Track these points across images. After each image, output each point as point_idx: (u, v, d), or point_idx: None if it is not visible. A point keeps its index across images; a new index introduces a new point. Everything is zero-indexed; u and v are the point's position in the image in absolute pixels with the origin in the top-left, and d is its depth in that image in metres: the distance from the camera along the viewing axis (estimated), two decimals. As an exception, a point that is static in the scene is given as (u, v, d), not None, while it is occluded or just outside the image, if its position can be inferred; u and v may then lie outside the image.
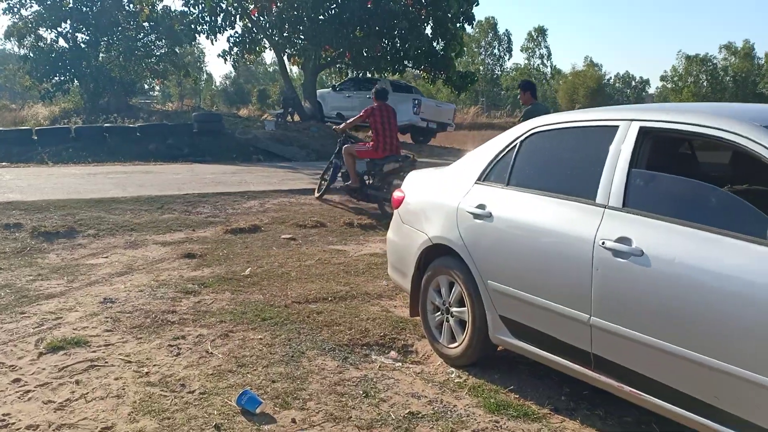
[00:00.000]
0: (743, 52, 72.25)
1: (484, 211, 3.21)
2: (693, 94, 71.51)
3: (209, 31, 19.54)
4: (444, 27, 18.39)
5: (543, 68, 74.98)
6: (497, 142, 3.44)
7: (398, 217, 4.02)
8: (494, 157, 3.36)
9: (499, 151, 3.35)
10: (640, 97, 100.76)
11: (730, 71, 72.52)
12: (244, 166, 12.56)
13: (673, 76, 76.10)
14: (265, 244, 6.34)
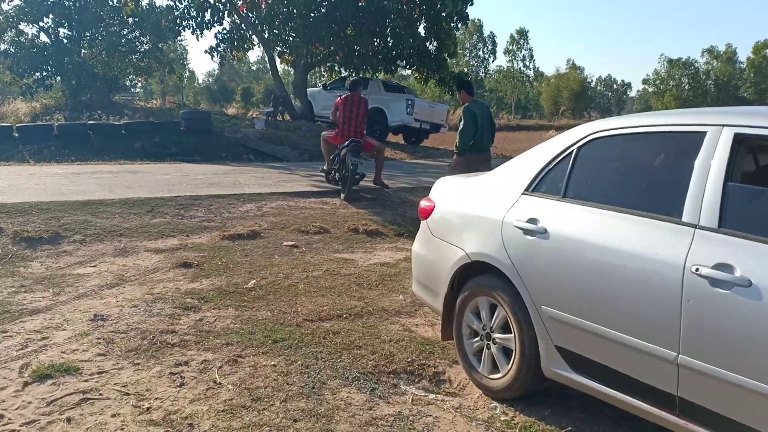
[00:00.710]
0: (725, 56, 72.90)
1: (537, 226, 2.83)
2: (675, 98, 72.02)
3: (196, 26, 19.01)
4: (438, 26, 18.03)
5: (525, 70, 75.05)
6: (546, 149, 3.06)
7: (427, 228, 3.63)
8: (545, 166, 2.98)
9: (551, 159, 2.97)
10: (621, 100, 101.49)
11: (712, 75, 73.11)
12: (236, 166, 12.09)
13: (656, 80, 76.62)
14: (266, 252, 5.92)
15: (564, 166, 2.90)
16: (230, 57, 20.70)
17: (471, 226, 3.24)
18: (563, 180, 2.86)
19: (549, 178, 2.95)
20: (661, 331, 2.28)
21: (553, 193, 2.89)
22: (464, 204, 3.39)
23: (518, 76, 74.42)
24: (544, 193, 2.94)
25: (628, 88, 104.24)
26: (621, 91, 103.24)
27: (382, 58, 18.63)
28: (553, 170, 2.95)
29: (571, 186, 2.82)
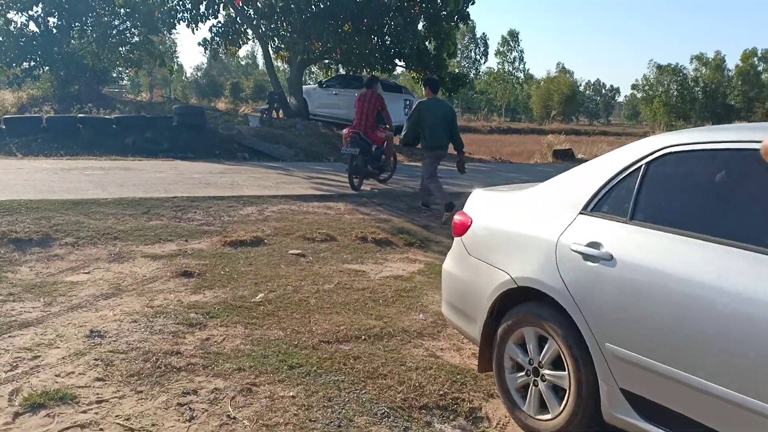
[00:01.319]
0: (714, 64, 73.25)
1: (600, 251, 2.52)
2: (664, 104, 72.31)
3: (191, 19, 18.58)
4: (438, 25, 17.72)
5: (516, 72, 75.06)
6: (607, 163, 2.75)
7: (462, 246, 3.31)
8: (606, 183, 2.67)
9: (613, 175, 2.66)
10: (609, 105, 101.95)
11: (700, 82, 73.48)
12: (231, 164, 11.71)
13: (644, 85, 76.89)
14: (271, 260, 5.57)
15: (630, 183, 2.59)
16: (224, 51, 20.26)
17: (517, 246, 2.93)
18: (630, 200, 2.55)
19: (612, 197, 2.64)
20: (764, 382, 1.97)
21: (618, 214, 2.58)
22: (508, 221, 3.07)
23: (509, 79, 74.42)
24: (606, 213, 2.63)
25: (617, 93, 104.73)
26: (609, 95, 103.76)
27: (380, 56, 18.29)
28: (617, 188, 2.64)
29: (641, 207, 2.51)
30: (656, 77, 74.79)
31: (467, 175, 11.81)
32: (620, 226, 2.54)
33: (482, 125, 44.78)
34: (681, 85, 72.65)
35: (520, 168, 14.78)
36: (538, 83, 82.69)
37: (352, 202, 8.09)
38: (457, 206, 9.24)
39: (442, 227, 7.38)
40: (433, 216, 7.89)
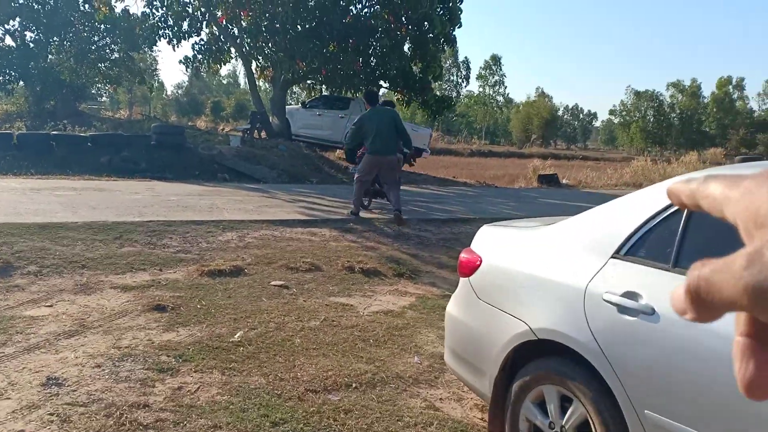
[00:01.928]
0: (690, 91, 74.50)
1: (640, 303, 2.17)
2: (641, 130, 73.19)
3: (172, 36, 18.21)
4: (424, 48, 17.56)
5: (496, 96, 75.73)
6: (645, 200, 2.43)
7: (470, 288, 2.95)
8: (644, 223, 2.34)
9: (653, 215, 2.33)
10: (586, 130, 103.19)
11: (677, 108, 74.58)
12: (210, 186, 11.28)
13: (622, 111, 77.85)
14: (252, 292, 5.16)
15: (673, 225, 2.26)
16: (206, 69, 19.90)
17: (536, 292, 2.58)
18: (673, 244, 2.22)
19: (651, 240, 2.31)
20: None
21: (659, 260, 2.24)
22: (525, 262, 2.72)
23: (489, 102, 75.00)
24: (644, 258, 2.30)
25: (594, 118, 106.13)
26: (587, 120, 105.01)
27: (364, 77, 18.06)
28: (657, 230, 2.30)
29: (687, 253, 2.18)
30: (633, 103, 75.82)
31: (455, 200, 11.52)
32: (662, 274, 2.20)
33: (463, 148, 44.78)
34: (658, 111, 73.67)
35: (505, 193, 14.54)
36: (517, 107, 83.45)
37: (338, 228, 7.72)
38: (364, 212, 9.00)
39: (431, 257, 7.03)
40: (422, 244, 7.54)
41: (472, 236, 8.03)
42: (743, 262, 0.32)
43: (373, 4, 17.94)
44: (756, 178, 0.36)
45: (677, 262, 2.19)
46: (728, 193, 0.37)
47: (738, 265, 0.32)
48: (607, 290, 2.30)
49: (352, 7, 17.61)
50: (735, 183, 0.37)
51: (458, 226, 8.56)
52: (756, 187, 0.35)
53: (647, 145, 72.45)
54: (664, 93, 75.53)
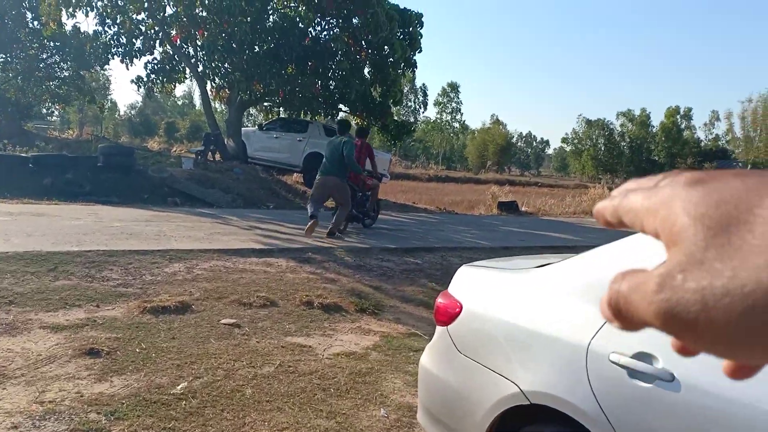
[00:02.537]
0: (640, 120, 76.70)
1: (656, 368, 1.84)
2: (592, 158, 74.85)
3: (124, 54, 17.58)
4: (385, 72, 17.37)
5: (453, 122, 76.82)
6: (651, 242, 2.10)
7: (448, 339, 2.58)
8: (654, 271, 2.01)
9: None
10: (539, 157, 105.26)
11: (626, 137, 76.60)
12: (160, 211, 10.69)
13: (574, 139, 79.57)
14: (199, 333, 4.68)
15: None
16: (159, 89, 19.26)
17: (529, 348, 2.22)
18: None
19: (664, 293, 1.98)
20: None
21: (674, 317, 1.92)
22: (514, 311, 2.37)
23: (446, 128, 75.88)
24: (656, 314, 1.97)
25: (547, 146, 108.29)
26: (540, 148, 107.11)
27: (323, 101, 17.74)
28: (671, 281, 1.98)
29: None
30: (585, 131, 77.60)
31: (417, 228, 11.21)
32: (680, 332, 1.87)
33: (421, 173, 44.88)
34: (608, 140, 75.49)
35: (466, 220, 14.32)
36: (473, 134, 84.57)
37: (296, 258, 7.27)
38: (319, 220, 9.12)
39: (395, 289, 6.65)
40: (384, 275, 7.16)
41: (436, 266, 7.73)
42: (654, 285, 0.31)
43: (333, 27, 17.71)
44: (672, 186, 0.33)
45: (698, 319, 1.86)
46: (647, 204, 0.34)
47: (650, 288, 0.31)
48: (614, 349, 1.96)
49: (311, 29, 17.35)
50: (653, 193, 0.34)
51: (422, 255, 8.22)
52: (671, 198, 0.33)
53: (598, 172, 74.08)
54: (615, 122, 77.56)
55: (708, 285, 0.28)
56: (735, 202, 0.30)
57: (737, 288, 0.27)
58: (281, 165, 17.87)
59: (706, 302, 0.28)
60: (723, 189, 0.31)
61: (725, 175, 0.32)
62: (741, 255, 0.28)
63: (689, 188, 0.32)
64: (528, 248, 9.48)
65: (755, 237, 0.28)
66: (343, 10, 16.53)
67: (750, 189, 0.30)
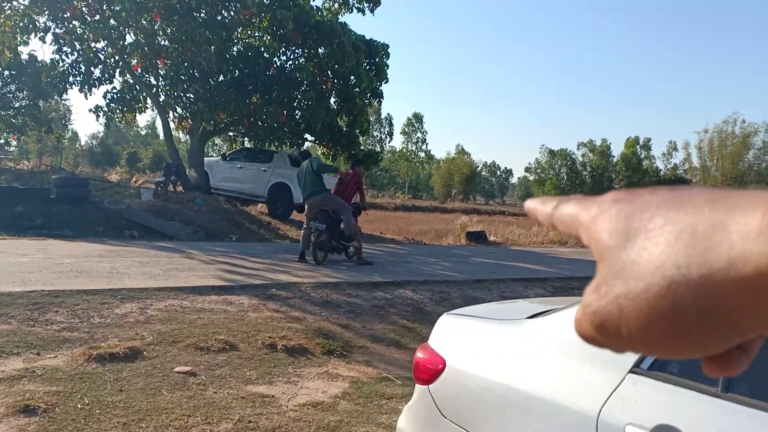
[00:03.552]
0: (600, 150, 78.32)
1: (682, 445, 1.54)
2: (555, 187, 75.92)
3: (82, 83, 17.05)
4: (351, 102, 17.18)
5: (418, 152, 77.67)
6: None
7: (431, 401, 2.25)
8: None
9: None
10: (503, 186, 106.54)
11: (588, 167, 78.04)
12: (115, 245, 10.16)
13: (537, 168, 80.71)
14: (150, 384, 4.24)
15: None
16: (119, 119, 18.73)
17: (527, 415, 1.91)
18: (720, 359, 1.61)
19: (686, 352, 1.70)
20: None
21: (699, 380, 1.63)
22: (508, 371, 2.05)
23: (412, 158, 76.51)
24: (677, 376, 1.68)
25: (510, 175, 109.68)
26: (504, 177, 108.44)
27: (289, 130, 17.44)
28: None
29: (742, 372, 1.58)
30: (548, 161, 78.84)
31: (385, 260, 10.87)
32: (707, 401, 1.58)
33: (387, 202, 44.76)
34: (570, 169, 76.74)
35: (436, 251, 14.05)
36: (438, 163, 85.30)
37: (258, 295, 6.87)
38: (309, 259, 9.43)
39: (364, 327, 6.30)
40: (353, 312, 6.80)
41: (407, 301, 7.40)
42: (586, 300, 0.33)
43: (299, 57, 17.51)
44: (602, 203, 0.36)
45: (729, 385, 1.58)
46: (580, 217, 0.37)
47: (585, 303, 0.33)
48: (630, 420, 1.66)
49: (276, 58, 17.12)
50: (587, 207, 0.37)
51: (391, 290, 7.88)
52: (597, 215, 0.35)
53: (562, 201, 74.85)
54: (577, 152, 79.05)
55: (622, 293, 0.31)
56: (639, 214, 0.33)
57: (642, 292, 0.30)
58: (245, 196, 17.45)
59: (622, 308, 0.31)
60: (634, 204, 0.34)
61: (641, 192, 0.35)
62: (643, 262, 0.31)
63: (611, 205, 0.35)
64: (501, 281, 9.23)
65: (651, 245, 0.31)
66: (308, 40, 16.37)
67: (653, 201, 0.33)
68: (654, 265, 0.30)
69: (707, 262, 0.29)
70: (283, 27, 15.26)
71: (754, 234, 0.28)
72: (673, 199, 0.33)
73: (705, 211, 0.30)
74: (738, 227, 0.29)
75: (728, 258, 0.28)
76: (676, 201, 0.32)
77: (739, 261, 0.28)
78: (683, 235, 0.30)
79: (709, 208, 0.30)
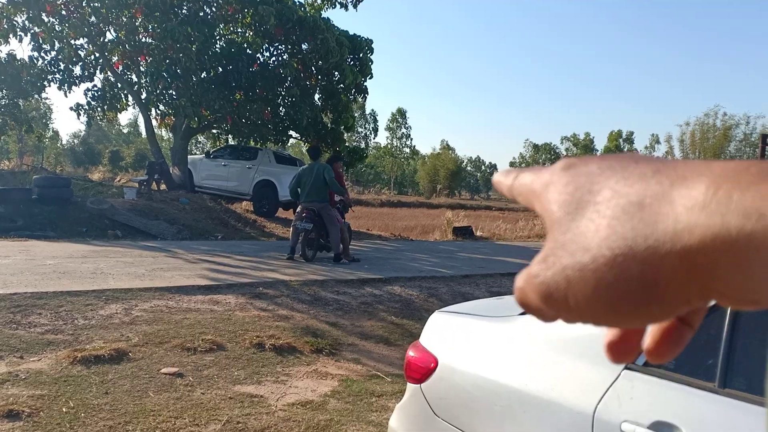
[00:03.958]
0: (584, 144, 78.88)
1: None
2: (539, 181, 76.13)
3: (62, 81, 16.82)
4: (336, 98, 17.11)
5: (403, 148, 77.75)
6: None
7: (423, 400, 2.22)
8: (668, 321, 1.72)
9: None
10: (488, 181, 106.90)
11: (572, 161, 78.49)
12: (99, 245, 10.04)
13: (521, 163, 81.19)
14: (136, 385, 4.18)
15: (712, 325, 1.64)
16: (100, 117, 18.51)
17: (522, 413, 1.89)
18: (717, 352, 1.60)
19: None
20: None
21: (697, 376, 1.62)
22: (502, 369, 2.03)
23: (397, 154, 76.54)
24: (673, 372, 1.66)
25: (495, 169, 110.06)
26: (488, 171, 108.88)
27: (273, 127, 17.33)
28: (690, 333, 1.68)
29: (739, 366, 1.56)
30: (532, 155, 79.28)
31: (373, 256, 10.84)
32: (705, 397, 1.57)
33: (373, 198, 44.72)
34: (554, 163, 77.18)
35: (423, 246, 14.04)
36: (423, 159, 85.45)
37: (245, 294, 6.81)
38: (297, 256, 9.59)
39: (353, 325, 6.27)
40: (341, 309, 6.77)
41: (395, 298, 7.37)
42: (533, 270, 0.33)
43: (282, 53, 17.40)
44: (553, 172, 0.36)
45: (726, 381, 1.56)
46: (533, 187, 0.37)
47: (531, 274, 0.33)
48: (627, 418, 1.64)
49: (259, 55, 16.99)
50: (539, 176, 0.37)
51: (379, 287, 7.85)
52: (548, 183, 0.35)
53: (547, 195, 75.45)
54: (560, 146, 79.55)
55: (569, 264, 0.31)
56: (588, 186, 0.33)
57: (589, 263, 0.30)
58: (230, 194, 17.32)
59: (569, 279, 0.31)
60: (582, 173, 0.34)
61: (591, 159, 0.35)
62: (590, 234, 0.31)
63: (561, 173, 0.35)
64: (488, 276, 9.24)
65: (599, 217, 0.31)
66: (291, 36, 16.27)
67: (601, 172, 0.33)
68: (600, 236, 0.31)
69: (653, 234, 0.29)
70: (266, 23, 15.16)
71: (699, 206, 0.28)
72: (620, 169, 0.33)
73: (651, 183, 0.31)
74: (683, 200, 0.29)
75: (674, 230, 0.29)
76: (624, 172, 0.32)
77: (684, 233, 0.28)
78: (630, 207, 0.31)
79: (655, 180, 0.31)
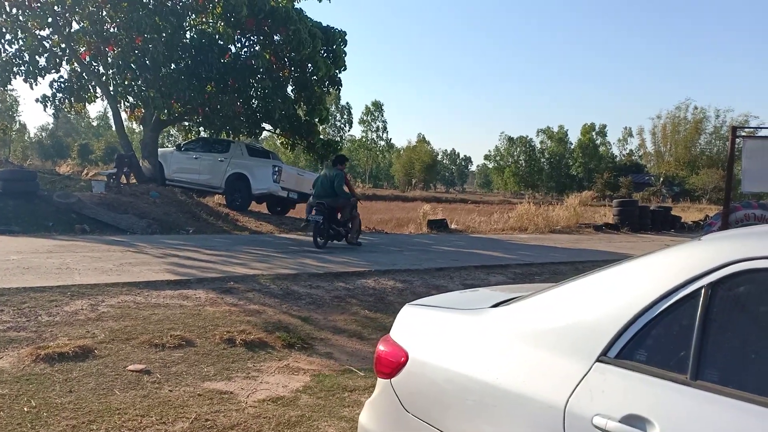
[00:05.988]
0: (558, 137, 79.54)
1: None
2: (514, 174, 76.91)
3: (27, 73, 16.38)
4: (309, 90, 16.95)
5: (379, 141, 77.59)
6: (638, 279, 1.78)
7: (393, 395, 2.17)
8: (642, 312, 1.69)
9: (654, 301, 1.68)
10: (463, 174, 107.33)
11: (546, 154, 79.19)
12: (65, 239, 9.81)
13: (496, 156, 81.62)
14: (101, 383, 4.07)
15: (684, 317, 1.62)
16: (67, 109, 18.09)
17: (493, 407, 1.85)
18: (689, 344, 1.57)
19: (654, 339, 1.66)
20: None
21: (669, 368, 1.59)
22: (473, 362, 1.98)
23: (372, 147, 76.33)
24: (646, 365, 1.63)
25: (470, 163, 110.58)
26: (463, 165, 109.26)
27: (246, 119, 17.11)
28: (663, 323, 1.65)
29: (710, 357, 1.54)
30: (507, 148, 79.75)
31: (347, 250, 10.77)
32: (678, 390, 1.54)
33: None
34: (529, 156, 77.77)
35: (398, 240, 14.00)
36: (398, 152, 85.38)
37: (215, 289, 6.69)
38: (311, 226, 10.74)
39: (325, 319, 6.20)
40: (314, 303, 6.69)
41: (368, 291, 7.31)
42: None
43: (254, 44, 17.18)
44: None
45: (698, 373, 1.54)
46: None
47: None
48: (599, 411, 1.61)
49: (231, 46, 16.75)
50: None
51: (352, 280, 7.79)
52: None
53: (520, 188, 76.19)
54: (535, 139, 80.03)
55: None
56: None
57: None
58: (202, 187, 17.09)
59: None
60: None
61: None
62: None
63: None
64: (463, 268, 9.23)
65: None
66: (263, 26, 16.06)
67: None
68: None
69: None
70: (237, 13, 14.94)
71: None
72: None
73: None
74: None
75: None
76: None
77: None
78: None
79: None
